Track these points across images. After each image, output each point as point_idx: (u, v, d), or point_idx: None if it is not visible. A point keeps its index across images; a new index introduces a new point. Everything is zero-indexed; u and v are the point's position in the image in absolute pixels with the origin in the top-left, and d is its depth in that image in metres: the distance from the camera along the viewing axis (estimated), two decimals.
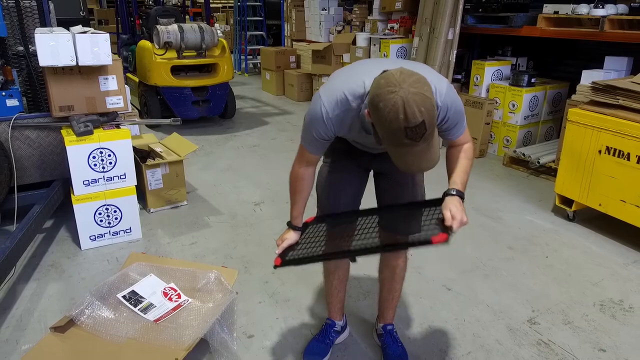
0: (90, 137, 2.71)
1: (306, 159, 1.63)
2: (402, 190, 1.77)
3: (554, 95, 4.56)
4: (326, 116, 1.42)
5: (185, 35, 5.14)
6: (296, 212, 1.73)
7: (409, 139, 1.17)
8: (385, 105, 1.17)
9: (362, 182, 1.84)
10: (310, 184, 1.70)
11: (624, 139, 2.83)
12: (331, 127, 1.45)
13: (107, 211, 2.87)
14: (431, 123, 1.18)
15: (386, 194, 1.82)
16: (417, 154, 1.22)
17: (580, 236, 3.09)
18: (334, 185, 1.80)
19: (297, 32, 8.00)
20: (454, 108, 1.44)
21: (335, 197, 1.80)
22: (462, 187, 1.53)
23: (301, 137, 1.59)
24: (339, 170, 1.79)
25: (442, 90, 1.40)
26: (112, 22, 9.71)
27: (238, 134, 5.47)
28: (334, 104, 1.42)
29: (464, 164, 1.58)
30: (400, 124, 1.15)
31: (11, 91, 3.01)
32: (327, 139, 1.51)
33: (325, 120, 1.43)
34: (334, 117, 1.43)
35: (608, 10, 3.73)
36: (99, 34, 2.59)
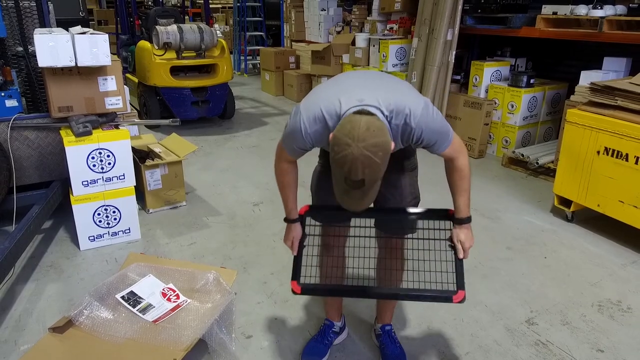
0: (89, 138, 2.71)
1: (286, 159, 1.68)
2: (395, 191, 1.77)
3: (553, 95, 4.57)
4: (304, 132, 1.47)
5: (185, 35, 5.14)
6: (291, 205, 1.76)
7: (347, 185, 1.30)
8: (338, 150, 1.27)
9: None
10: (295, 175, 1.75)
11: (622, 140, 2.84)
12: (309, 141, 1.50)
13: (106, 212, 2.87)
14: (371, 180, 1.29)
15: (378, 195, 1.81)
16: (352, 197, 1.33)
17: (579, 237, 3.09)
18: (326, 189, 1.79)
19: (297, 33, 8.00)
20: (429, 129, 1.46)
21: (328, 200, 1.79)
22: (467, 211, 1.66)
23: (282, 139, 1.62)
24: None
25: (416, 113, 1.43)
26: (112, 22, 9.71)
27: (237, 134, 5.47)
28: (312, 120, 1.46)
29: (462, 185, 1.64)
30: (343, 172, 1.28)
31: (10, 92, 3.01)
32: (306, 149, 1.57)
33: (304, 136, 1.48)
34: (312, 133, 1.47)
35: (607, 11, 3.74)
36: (97, 35, 2.59)
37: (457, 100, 4.76)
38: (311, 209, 1.80)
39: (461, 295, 1.60)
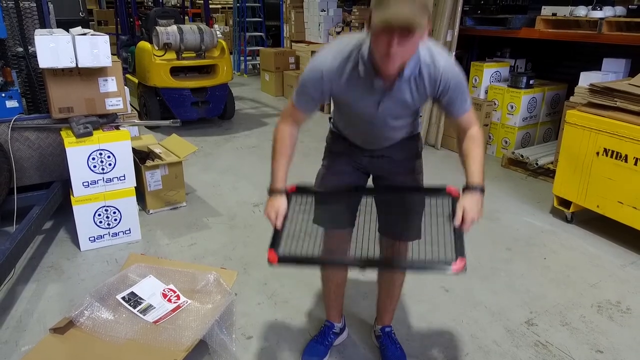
0: (90, 139, 2.72)
1: (292, 116, 1.61)
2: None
3: (553, 96, 4.57)
4: (324, 68, 1.46)
5: (185, 36, 5.15)
6: (281, 174, 1.63)
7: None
8: None
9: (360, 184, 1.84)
10: (293, 145, 1.65)
11: (622, 141, 2.84)
12: (329, 78, 1.47)
13: (107, 212, 2.88)
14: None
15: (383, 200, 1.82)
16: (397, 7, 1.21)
17: (578, 237, 3.10)
18: (330, 188, 1.80)
19: (297, 33, 8.01)
20: (455, 76, 1.46)
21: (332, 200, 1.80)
22: (480, 179, 1.53)
23: (294, 92, 1.58)
24: (336, 173, 1.79)
25: (444, 56, 1.46)
26: (112, 22, 9.70)
27: (237, 135, 5.47)
28: (335, 52, 1.46)
29: (477, 154, 1.56)
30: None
31: (11, 92, 3.02)
32: (321, 92, 1.50)
33: (322, 70, 1.46)
34: (333, 69, 1.45)
35: (606, 12, 3.75)
36: (98, 36, 2.60)
37: None
38: (299, 189, 1.69)
39: (461, 263, 1.43)
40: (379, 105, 1.51)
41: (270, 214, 1.62)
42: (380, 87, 1.46)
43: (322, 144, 1.83)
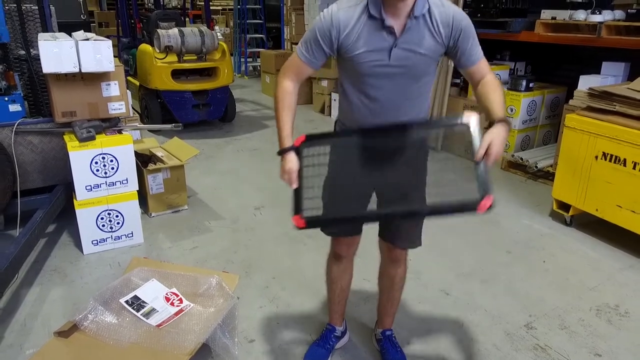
0: (93, 143, 2.74)
1: (295, 71, 1.60)
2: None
3: (552, 99, 4.60)
4: (333, 14, 1.48)
5: (186, 39, 5.17)
6: (286, 132, 1.60)
7: None
8: None
9: (366, 197, 1.78)
10: (295, 99, 1.63)
11: (620, 145, 2.86)
12: (337, 24, 1.47)
13: (109, 216, 2.90)
14: None
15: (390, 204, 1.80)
16: None
17: (577, 241, 3.12)
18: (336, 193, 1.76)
19: (297, 35, 8.02)
20: (465, 18, 1.51)
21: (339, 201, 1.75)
22: (503, 114, 1.49)
23: (300, 44, 1.58)
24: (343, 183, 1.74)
25: (452, 3, 1.52)
26: (113, 24, 9.72)
27: (238, 137, 5.49)
28: (341, 5, 1.50)
29: (497, 95, 1.52)
30: None
31: (14, 96, 3.04)
32: (330, 40, 1.50)
33: (331, 15, 1.48)
34: (340, 14, 1.48)
35: (605, 16, 3.77)
36: (101, 41, 2.62)
37: (457, 103, 4.78)
38: (308, 138, 1.61)
39: (488, 201, 1.37)
40: (391, 53, 1.49)
41: (283, 178, 1.59)
42: (390, 26, 1.45)
43: None
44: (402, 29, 1.47)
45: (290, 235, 3.16)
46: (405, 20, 1.45)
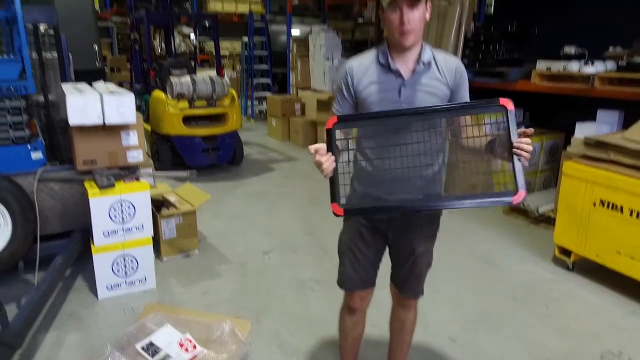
0: (112, 190, 2.87)
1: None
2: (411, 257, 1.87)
3: (551, 145, 4.75)
4: (348, 66, 1.76)
5: (198, 86, 5.41)
6: None
7: None
8: None
9: (379, 251, 1.92)
10: None
11: (617, 193, 2.98)
12: (351, 73, 1.73)
13: (124, 261, 2.99)
14: None
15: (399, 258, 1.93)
16: None
17: (580, 286, 3.19)
18: (351, 257, 1.89)
19: (302, 81, 8.33)
20: (465, 70, 1.76)
21: (354, 269, 1.89)
22: None
23: (333, 103, 1.83)
24: (356, 233, 1.87)
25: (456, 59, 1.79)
26: (124, 69, 10.10)
27: (246, 180, 5.64)
28: (355, 57, 1.78)
29: None
30: None
31: (36, 144, 3.21)
32: (348, 88, 1.74)
33: (346, 68, 1.75)
34: (354, 64, 1.75)
35: (597, 68, 3.96)
36: (125, 95, 2.80)
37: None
38: (340, 119, 1.64)
39: (522, 194, 1.50)
40: (400, 92, 1.68)
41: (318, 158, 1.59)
42: (397, 70, 1.68)
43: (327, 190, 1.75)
44: (412, 73, 1.69)
45: (299, 280, 3.24)
46: (414, 66, 1.69)
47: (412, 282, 1.94)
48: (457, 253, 3.63)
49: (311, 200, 4.92)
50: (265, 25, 9.66)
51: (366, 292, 1.97)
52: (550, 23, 5.17)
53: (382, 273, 1.98)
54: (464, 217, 4.35)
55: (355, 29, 10.20)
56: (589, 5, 4.86)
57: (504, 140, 1.55)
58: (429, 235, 1.89)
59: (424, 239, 1.87)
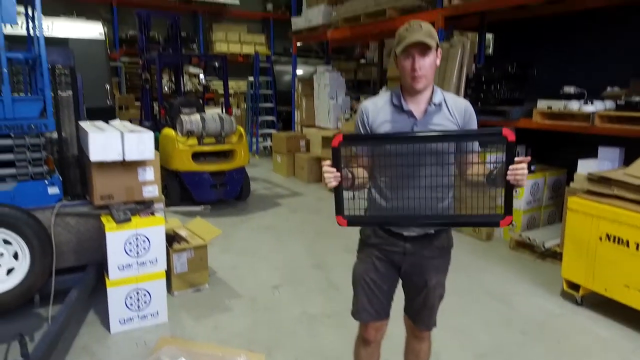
0: (128, 224, 2.94)
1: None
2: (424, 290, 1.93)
3: (554, 181, 4.84)
4: (364, 106, 1.91)
5: (207, 124, 5.57)
6: None
7: (407, 31, 1.72)
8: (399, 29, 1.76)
9: (393, 283, 1.99)
10: None
11: (622, 227, 3.04)
12: (367, 112, 1.88)
13: (138, 295, 3.02)
14: (428, 29, 1.72)
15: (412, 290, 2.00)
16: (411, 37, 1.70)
17: (590, 320, 3.20)
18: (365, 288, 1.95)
19: (307, 119, 8.52)
20: (473, 111, 1.88)
21: (369, 301, 1.95)
22: None
23: None
24: (370, 265, 1.94)
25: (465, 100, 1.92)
26: (132, 107, 10.32)
27: (253, 215, 5.70)
28: (370, 99, 1.95)
29: None
30: (404, 26, 1.75)
31: (53, 180, 3.29)
32: (364, 125, 1.87)
33: (362, 108, 1.91)
34: (368, 104, 1.90)
35: (597, 107, 4.10)
36: (144, 133, 2.91)
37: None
38: (345, 139, 1.71)
39: (508, 220, 1.63)
40: (413, 130, 1.81)
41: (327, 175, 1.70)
42: (409, 110, 1.81)
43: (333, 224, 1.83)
44: (424, 113, 1.82)
45: (309, 314, 3.26)
46: (426, 106, 1.82)
47: (425, 314, 1.98)
48: (466, 288, 3.65)
49: (318, 234, 4.96)
50: (270, 65, 9.96)
51: (381, 324, 2.01)
52: (548, 64, 5.37)
53: (396, 305, 2.02)
54: (471, 253, 4.39)
55: (357, 69, 10.51)
56: (585, 46, 5.07)
57: (503, 169, 1.63)
58: (440, 268, 1.95)
59: (436, 272, 1.93)
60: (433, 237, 1.89)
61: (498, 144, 1.63)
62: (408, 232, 1.87)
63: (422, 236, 1.87)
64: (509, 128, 1.62)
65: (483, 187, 1.77)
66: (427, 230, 1.87)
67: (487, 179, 1.73)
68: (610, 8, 4.64)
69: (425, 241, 1.88)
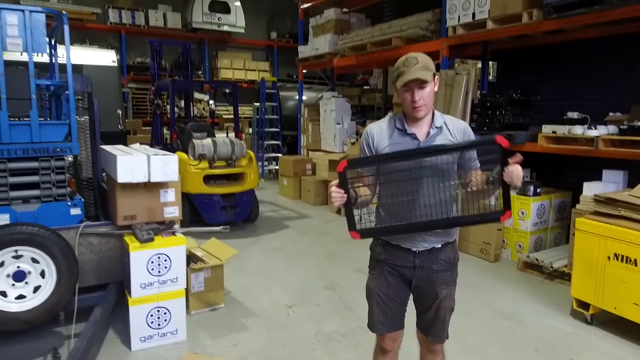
0: (151, 244, 3.02)
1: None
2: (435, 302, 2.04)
3: (559, 203, 4.95)
4: (369, 129, 2.06)
5: (218, 148, 5.70)
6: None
7: (405, 66, 1.86)
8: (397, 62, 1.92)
9: (405, 296, 2.09)
10: None
11: (630, 246, 3.13)
12: (372, 135, 2.02)
13: (158, 313, 3.09)
14: (424, 62, 1.87)
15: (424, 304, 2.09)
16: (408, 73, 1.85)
17: (601, 339, 3.26)
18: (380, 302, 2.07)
19: (313, 143, 8.68)
20: (472, 132, 2.02)
21: (383, 314, 2.07)
22: None
23: None
24: (382, 280, 2.06)
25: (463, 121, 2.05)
26: (139, 132, 10.49)
27: (262, 237, 5.78)
28: (375, 123, 2.09)
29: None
30: (401, 60, 1.90)
31: (75, 201, 3.40)
32: (369, 146, 2.01)
33: (367, 131, 2.05)
34: (374, 128, 2.05)
35: (600, 131, 4.24)
36: (169, 156, 3.04)
37: None
38: (350, 163, 1.88)
39: (508, 214, 1.81)
40: None
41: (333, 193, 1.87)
42: (412, 133, 1.95)
43: (341, 245, 2.06)
44: (427, 136, 1.96)
45: (325, 332, 3.31)
46: (429, 129, 1.97)
47: (438, 327, 2.09)
48: (477, 308, 3.72)
49: (327, 256, 5.04)
50: (276, 91, 10.18)
51: (396, 334, 2.11)
52: (551, 90, 5.56)
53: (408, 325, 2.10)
54: (480, 274, 4.47)
55: (362, 95, 10.74)
56: (586, 74, 5.25)
57: (499, 172, 1.80)
58: (449, 281, 2.06)
59: (446, 285, 2.05)
60: (440, 250, 2.01)
61: (493, 154, 1.82)
62: (416, 247, 1.99)
63: (430, 250, 2.00)
64: (501, 135, 1.82)
65: (483, 192, 1.92)
66: (434, 244, 1.99)
67: (487, 183, 1.88)
68: (607, 37, 4.83)
69: (432, 255, 2.00)
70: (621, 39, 4.81)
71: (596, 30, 4.74)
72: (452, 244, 2.07)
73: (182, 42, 8.84)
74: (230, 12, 12.66)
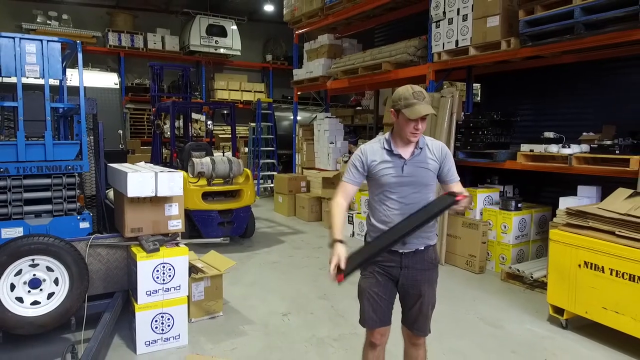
0: (157, 254, 3.27)
1: (343, 191, 2.33)
2: (420, 299, 2.32)
3: (540, 217, 5.24)
4: (362, 148, 2.36)
5: (217, 166, 5.97)
6: (339, 228, 2.25)
7: (415, 98, 2.17)
8: (400, 89, 2.24)
9: (393, 294, 2.37)
10: (345, 210, 2.35)
11: (597, 255, 3.41)
12: (365, 154, 2.32)
13: (162, 318, 3.31)
14: (428, 96, 2.17)
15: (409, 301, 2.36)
16: (421, 106, 2.16)
17: (574, 342, 3.51)
18: (370, 300, 2.33)
19: (308, 161, 8.97)
20: (448, 150, 2.37)
21: (373, 310, 2.33)
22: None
23: (344, 174, 2.36)
24: (373, 279, 2.33)
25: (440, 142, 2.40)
26: (138, 151, 10.76)
27: (258, 251, 6.01)
28: (367, 143, 2.38)
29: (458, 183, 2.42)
30: (409, 91, 2.20)
31: (84, 215, 3.64)
32: (362, 164, 2.31)
33: (361, 150, 2.35)
34: (367, 147, 2.35)
35: (574, 149, 4.56)
36: (175, 172, 3.30)
37: (456, 221, 5.41)
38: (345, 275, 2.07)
39: (462, 196, 2.17)
40: (403, 169, 2.26)
41: (333, 261, 2.10)
42: (399, 154, 2.26)
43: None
44: (411, 155, 2.29)
45: (318, 337, 3.54)
46: (413, 150, 2.30)
47: (421, 321, 2.36)
48: (461, 315, 3.96)
49: (321, 268, 5.27)
50: (272, 112, 10.51)
51: (385, 329, 2.36)
52: (530, 111, 5.91)
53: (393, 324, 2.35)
54: (465, 285, 4.72)
55: (354, 115, 11.09)
56: (562, 96, 5.61)
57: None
58: (431, 279, 2.36)
59: (429, 283, 2.34)
60: (423, 252, 2.31)
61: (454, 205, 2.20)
62: (402, 249, 2.27)
63: (414, 252, 2.30)
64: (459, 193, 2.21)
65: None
66: (418, 246, 2.30)
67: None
68: (583, 63, 5.20)
69: (417, 256, 2.30)
70: (595, 64, 5.18)
71: (572, 56, 5.11)
72: (433, 246, 2.37)
73: (182, 65, 9.20)
74: (227, 35, 13.10)
